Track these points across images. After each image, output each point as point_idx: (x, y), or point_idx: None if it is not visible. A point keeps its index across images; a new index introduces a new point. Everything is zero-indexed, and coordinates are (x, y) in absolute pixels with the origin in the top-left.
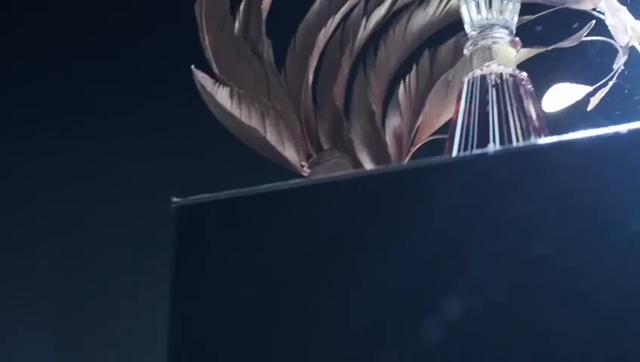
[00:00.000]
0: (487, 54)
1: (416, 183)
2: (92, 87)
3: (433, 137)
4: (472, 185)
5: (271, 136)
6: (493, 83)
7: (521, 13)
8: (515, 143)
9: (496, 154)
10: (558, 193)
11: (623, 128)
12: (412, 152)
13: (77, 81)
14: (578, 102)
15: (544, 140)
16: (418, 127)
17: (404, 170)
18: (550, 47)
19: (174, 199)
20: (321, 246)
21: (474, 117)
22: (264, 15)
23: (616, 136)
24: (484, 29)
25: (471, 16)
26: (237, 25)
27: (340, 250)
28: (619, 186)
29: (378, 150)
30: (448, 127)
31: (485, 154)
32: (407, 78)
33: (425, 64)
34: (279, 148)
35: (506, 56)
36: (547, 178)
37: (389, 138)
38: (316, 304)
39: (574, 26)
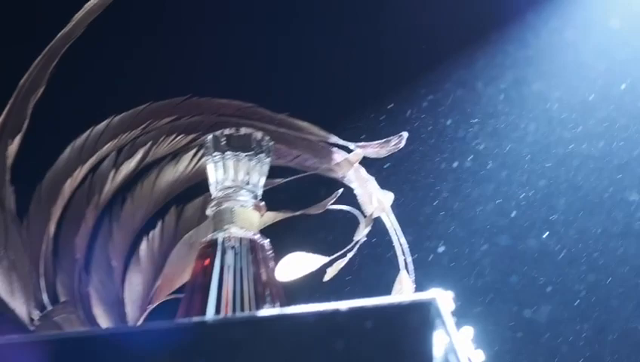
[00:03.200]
0: (229, 217)
1: (124, 347)
2: None
3: (172, 296)
4: (183, 352)
5: (1, 287)
6: (232, 246)
7: (272, 176)
8: (246, 310)
9: (214, 323)
10: None
11: (342, 305)
12: (150, 311)
13: None
14: (318, 271)
15: (264, 311)
16: (158, 285)
17: (117, 333)
18: (297, 213)
19: None
20: None
21: (209, 280)
22: (9, 160)
23: (335, 312)
24: (229, 191)
25: (217, 177)
26: None
27: None
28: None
29: (114, 306)
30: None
31: (203, 323)
32: (150, 235)
33: (171, 221)
34: (8, 300)
35: (248, 219)
36: (262, 349)
37: (127, 295)
38: None
39: (322, 193)
